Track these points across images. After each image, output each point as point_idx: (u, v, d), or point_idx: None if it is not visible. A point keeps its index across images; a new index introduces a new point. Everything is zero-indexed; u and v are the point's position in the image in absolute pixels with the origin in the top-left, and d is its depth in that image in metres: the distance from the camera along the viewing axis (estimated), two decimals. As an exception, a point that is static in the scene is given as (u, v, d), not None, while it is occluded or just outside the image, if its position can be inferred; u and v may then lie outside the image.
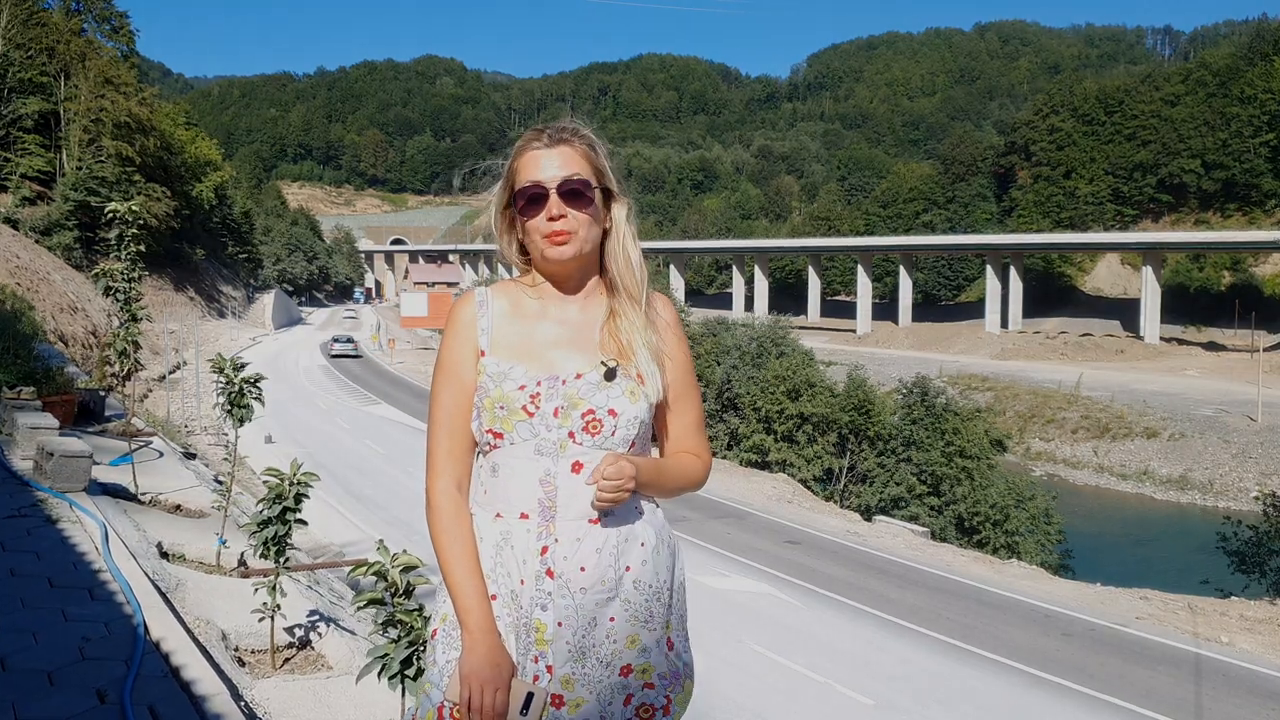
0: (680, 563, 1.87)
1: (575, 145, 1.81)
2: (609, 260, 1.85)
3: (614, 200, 1.85)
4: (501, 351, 1.79)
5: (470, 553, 1.75)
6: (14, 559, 4.96)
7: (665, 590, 1.80)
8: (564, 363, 1.77)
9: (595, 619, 1.72)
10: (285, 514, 4.42)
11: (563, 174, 1.77)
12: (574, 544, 1.71)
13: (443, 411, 1.80)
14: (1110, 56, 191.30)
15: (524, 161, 1.80)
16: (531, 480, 1.72)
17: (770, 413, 29.53)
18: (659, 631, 1.79)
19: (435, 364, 1.86)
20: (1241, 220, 76.45)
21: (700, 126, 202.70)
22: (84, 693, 3.46)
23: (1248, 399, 43.57)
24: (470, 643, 1.69)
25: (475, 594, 1.72)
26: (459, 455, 1.80)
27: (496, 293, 1.87)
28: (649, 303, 1.85)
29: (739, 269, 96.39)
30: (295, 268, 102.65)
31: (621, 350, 1.78)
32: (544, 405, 1.72)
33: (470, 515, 1.79)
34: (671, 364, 1.84)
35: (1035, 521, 25.51)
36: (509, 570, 1.74)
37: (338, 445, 25.87)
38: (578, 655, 1.72)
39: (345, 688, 4.28)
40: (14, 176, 44.62)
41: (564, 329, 1.81)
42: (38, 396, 9.21)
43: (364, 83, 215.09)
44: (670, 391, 1.84)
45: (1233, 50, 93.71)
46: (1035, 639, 12.83)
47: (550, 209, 1.76)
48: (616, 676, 1.74)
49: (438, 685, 1.75)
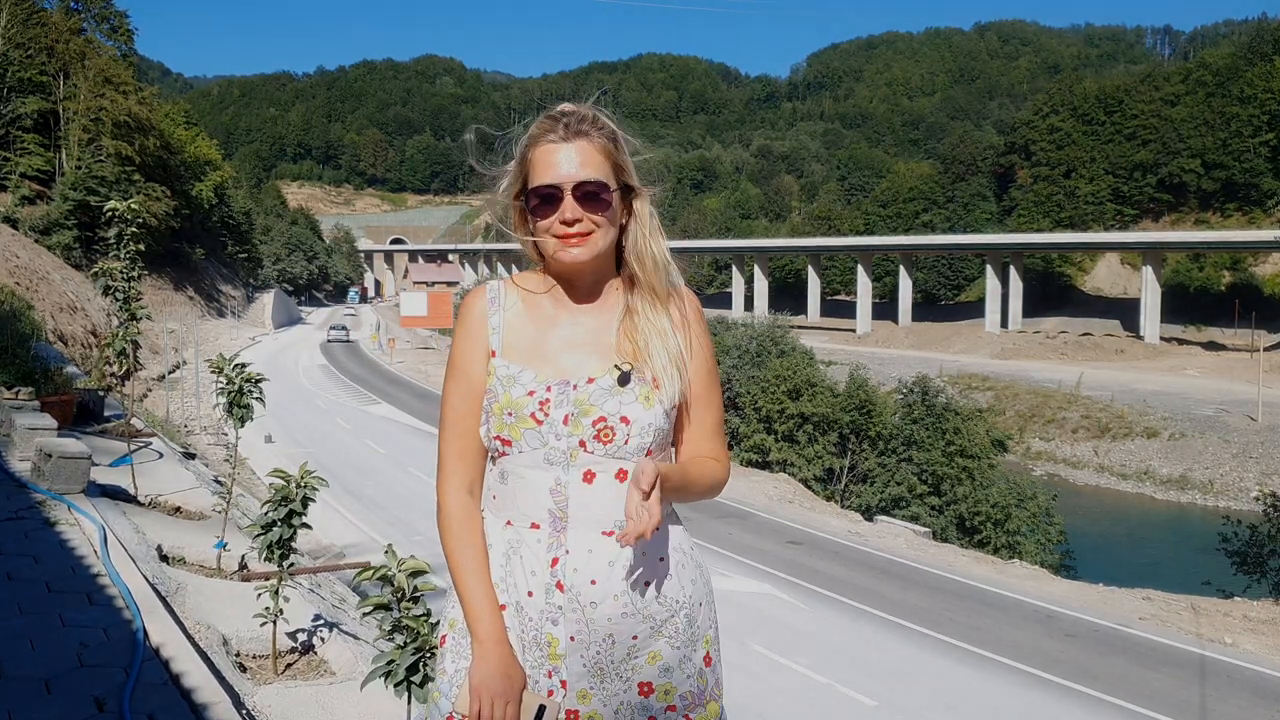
0: (707, 575, 1.79)
1: (594, 139, 1.70)
2: (629, 255, 1.74)
3: (635, 194, 1.75)
4: (512, 353, 1.71)
5: (481, 559, 1.68)
6: (11, 563, 4.90)
7: (692, 605, 1.72)
8: (576, 367, 1.68)
9: (613, 635, 1.65)
10: (290, 517, 4.36)
11: (579, 175, 1.66)
12: (586, 556, 1.64)
13: (453, 413, 1.73)
14: (1110, 56, 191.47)
15: (538, 155, 1.69)
16: (542, 490, 1.65)
17: (771, 412, 29.50)
18: (685, 649, 1.71)
19: (447, 362, 1.78)
20: (1241, 220, 76.43)
21: (700, 126, 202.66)
22: (82, 701, 3.41)
23: (1248, 398, 43.54)
24: (480, 652, 1.63)
25: (485, 602, 1.65)
26: (470, 458, 1.72)
27: (510, 289, 1.78)
28: (673, 299, 1.75)
29: (739, 268, 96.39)
30: (295, 267, 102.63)
31: (638, 352, 1.69)
32: (553, 413, 1.64)
33: (481, 520, 1.72)
34: (694, 363, 1.74)
35: (1036, 521, 25.48)
36: (517, 581, 1.67)
37: (338, 445, 25.85)
38: (595, 671, 1.66)
39: (349, 694, 4.22)
40: (13, 176, 44.62)
41: (578, 330, 1.72)
42: (36, 397, 9.16)
43: (364, 82, 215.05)
44: (691, 391, 1.74)
45: (1233, 50, 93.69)
46: (1038, 640, 12.79)
47: (564, 212, 1.66)
48: (635, 695, 1.67)
49: (446, 695, 1.69)
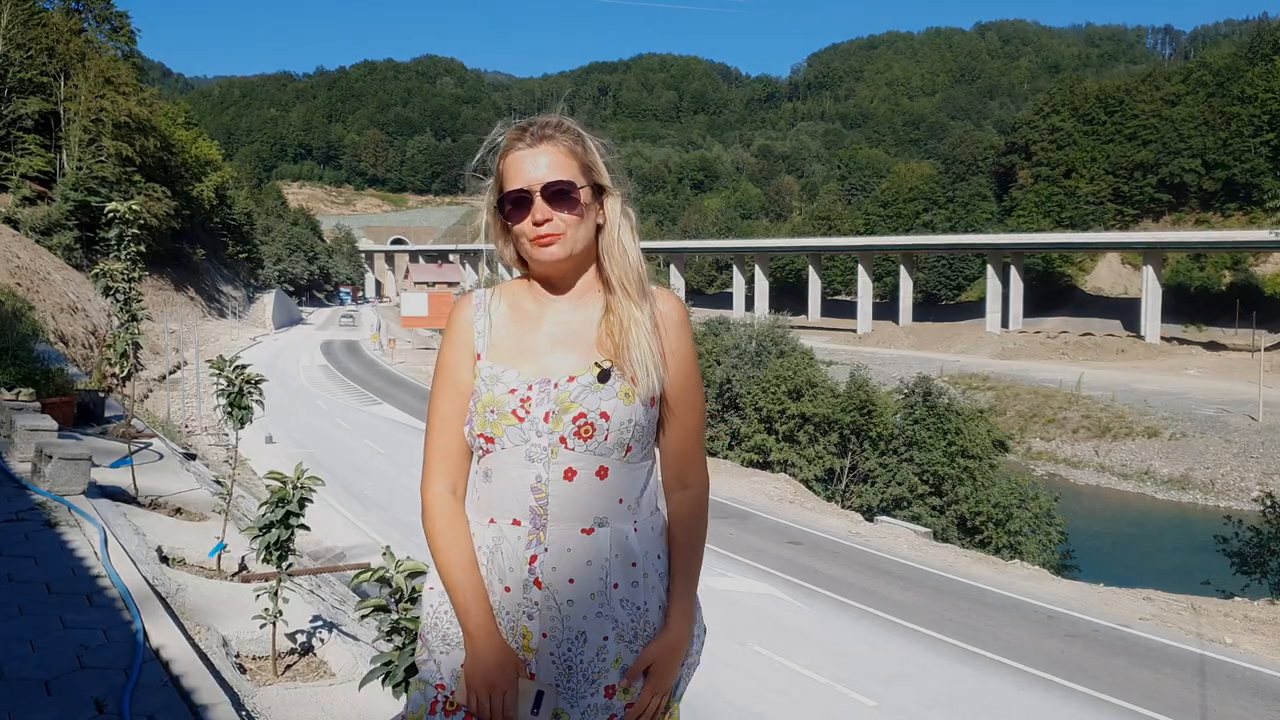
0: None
1: (559, 142, 1.75)
2: (604, 256, 1.78)
3: (606, 194, 1.79)
4: (497, 354, 1.75)
5: (467, 553, 1.72)
6: (11, 564, 4.91)
7: (652, 610, 1.76)
8: (558, 365, 1.72)
9: (585, 634, 1.68)
10: (288, 518, 4.36)
11: (547, 176, 1.72)
12: (564, 554, 1.68)
13: (438, 415, 1.79)
14: (1110, 56, 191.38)
15: (508, 164, 1.76)
16: (523, 486, 1.69)
17: (771, 412, 29.49)
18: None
19: (435, 367, 1.83)
20: (1242, 220, 76.44)
21: (700, 126, 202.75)
22: (82, 702, 3.41)
23: (1249, 398, 43.54)
24: (472, 645, 1.67)
25: (473, 593, 1.69)
26: (454, 459, 1.77)
27: (497, 295, 1.83)
28: (654, 299, 1.77)
29: (739, 269, 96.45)
30: (295, 268, 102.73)
31: (616, 349, 1.72)
32: (534, 410, 1.68)
33: (465, 516, 1.76)
34: (672, 361, 1.76)
35: (1037, 521, 25.46)
36: (500, 575, 1.71)
37: (338, 445, 25.85)
38: (564, 669, 1.69)
39: (348, 695, 4.22)
40: (14, 176, 44.61)
41: (560, 329, 1.76)
42: (37, 398, 9.18)
43: (364, 82, 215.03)
44: (669, 392, 1.76)
45: (1233, 50, 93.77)
46: (1038, 640, 12.79)
47: (535, 213, 1.72)
48: (601, 697, 1.71)
49: (430, 682, 1.74)
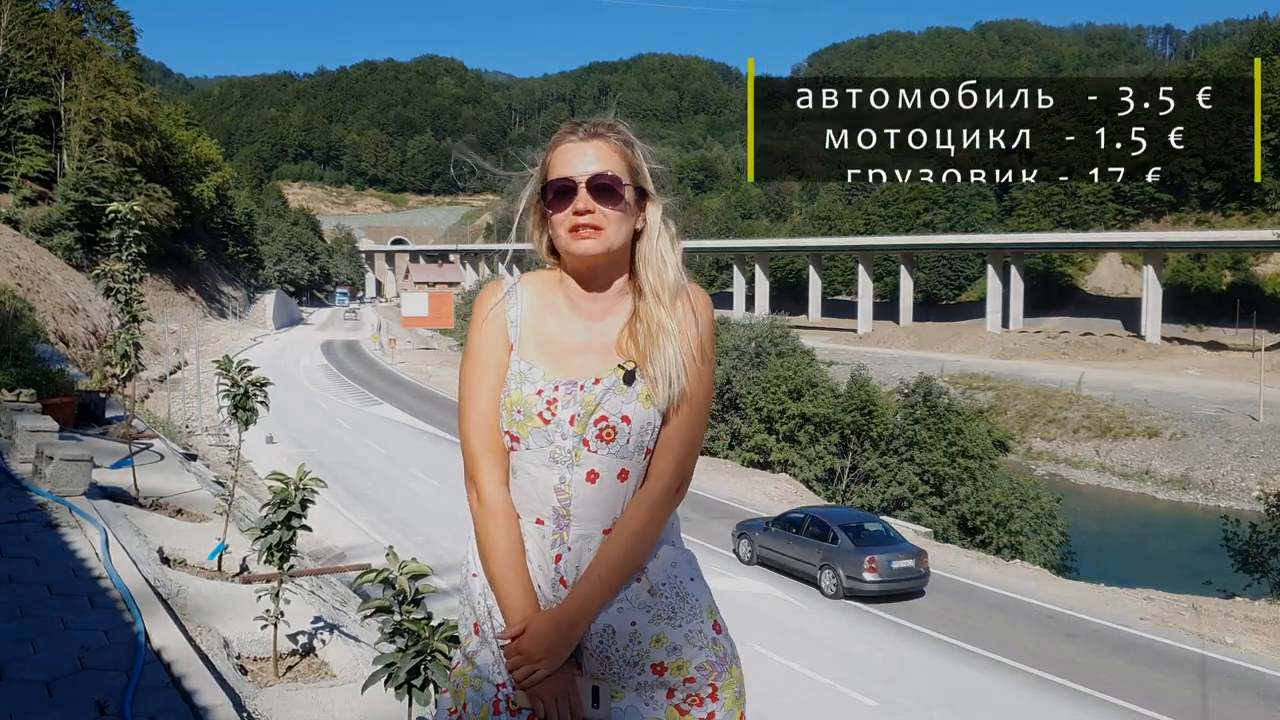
0: (689, 555, 1.83)
1: (610, 141, 1.77)
2: (640, 262, 1.79)
3: (649, 200, 1.80)
4: (527, 349, 1.76)
5: (519, 554, 1.71)
6: (12, 565, 4.90)
7: (678, 583, 1.76)
8: (584, 367, 1.74)
9: (610, 627, 1.70)
10: (290, 519, 4.36)
11: (593, 169, 1.73)
12: (586, 554, 1.70)
13: (478, 405, 1.76)
14: (1111, 56, 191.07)
15: (557, 155, 1.77)
16: (547, 487, 1.71)
17: (772, 412, 29.46)
18: (689, 623, 1.75)
19: (464, 355, 1.80)
20: (1242, 220, 76.29)
21: (701, 126, 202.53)
22: (84, 704, 3.41)
23: (1249, 398, 43.49)
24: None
25: (525, 598, 1.69)
26: (499, 452, 1.75)
27: (525, 285, 1.82)
28: (687, 307, 1.78)
29: (739, 268, 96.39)
30: (296, 268, 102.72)
31: (639, 354, 1.73)
32: (560, 413, 1.70)
33: (516, 515, 1.75)
34: (690, 365, 1.75)
35: (1038, 522, 25.43)
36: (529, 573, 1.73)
37: (339, 445, 25.85)
38: (602, 660, 1.72)
39: (350, 697, 4.22)
40: (14, 176, 44.63)
41: (587, 330, 1.77)
42: (38, 399, 9.16)
43: (364, 83, 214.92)
44: (687, 392, 1.76)
45: (1233, 50, 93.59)
46: (1039, 640, 12.79)
47: (577, 203, 1.72)
48: (650, 674, 1.72)
49: (489, 680, 1.72)
